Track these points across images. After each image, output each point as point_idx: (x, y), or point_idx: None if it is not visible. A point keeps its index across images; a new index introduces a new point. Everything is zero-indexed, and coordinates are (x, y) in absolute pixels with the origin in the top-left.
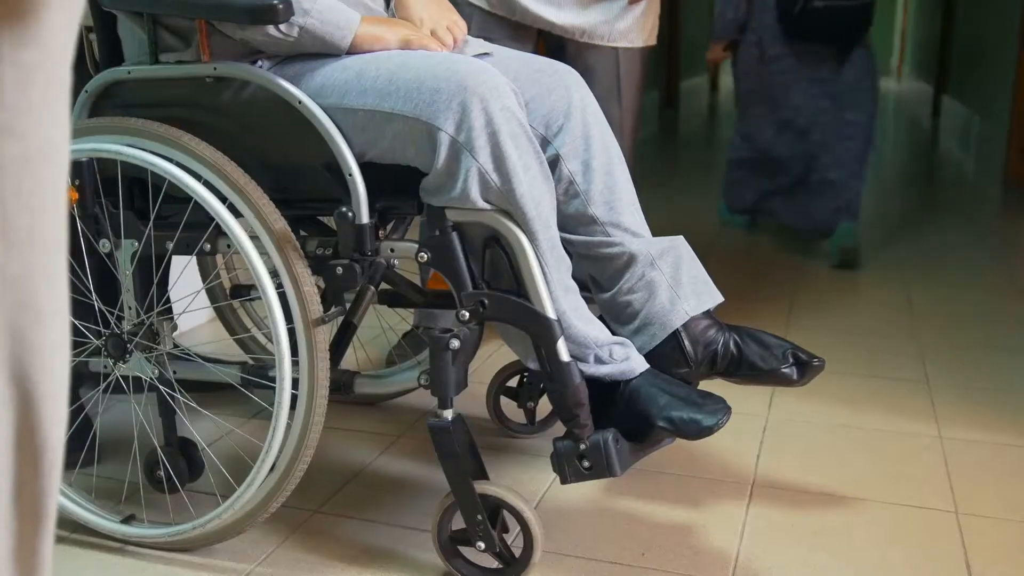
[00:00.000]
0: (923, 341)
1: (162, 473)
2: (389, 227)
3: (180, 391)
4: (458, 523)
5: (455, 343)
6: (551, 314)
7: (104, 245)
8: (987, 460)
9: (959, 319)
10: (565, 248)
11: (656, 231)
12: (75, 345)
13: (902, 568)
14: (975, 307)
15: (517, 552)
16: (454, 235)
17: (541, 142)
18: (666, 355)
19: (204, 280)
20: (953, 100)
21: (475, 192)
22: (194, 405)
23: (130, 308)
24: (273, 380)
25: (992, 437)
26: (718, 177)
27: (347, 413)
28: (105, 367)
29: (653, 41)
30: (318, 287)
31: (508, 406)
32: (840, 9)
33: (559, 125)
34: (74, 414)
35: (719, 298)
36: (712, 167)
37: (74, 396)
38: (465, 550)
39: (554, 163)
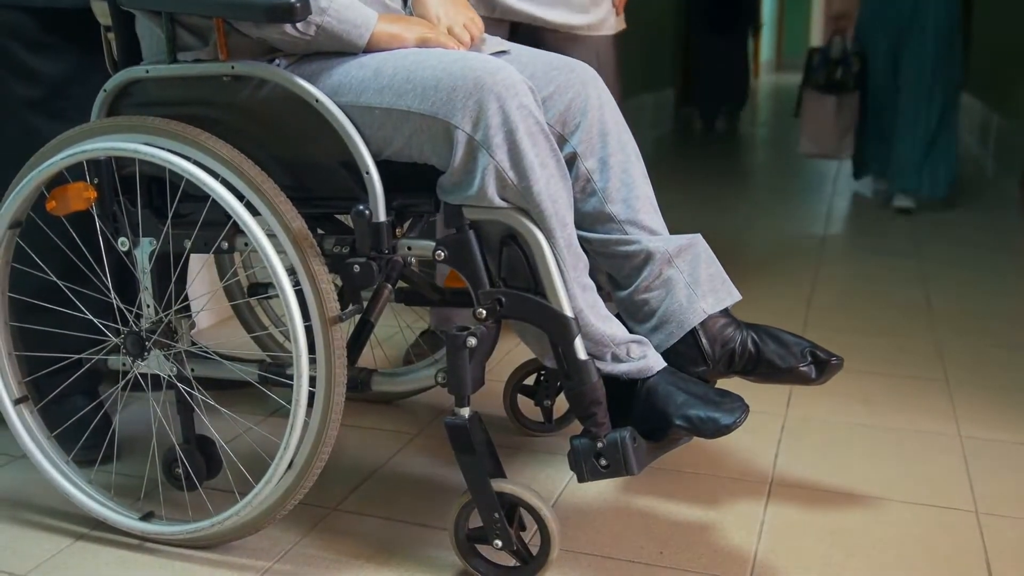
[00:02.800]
0: (942, 339)
1: (180, 470)
2: (406, 225)
3: (198, 389)
4: (475, 521)
5: (472, 341)
6: (568, 312)
7: (123, 243)
8: (1007, 459)
9: (978, 317)
10: (582, 246)
11: (673, 229)
12: (94, 343)
13: (921, 567)
14: (994, 305)
15: (534, 550)
16: (471, 233)
17: (558, 140)
18: (683, 353)
19: (222, 278)
20: (972, 97)
21: (492, 190)
22: (212, 403)
23: (148, 306)
24: (290, 378)
25: (1012, 436)
26: (735, 174)
27: (364, 411)
28: (124, 365)
29: (623, 25)
30: (335, 285)
31: (525, 404)
32: (724, 17)
33: (576, 123)
34: (93, 412)
35: (737, 296)
36: (730, 164)
37: (94, 394)
38: (482, 548)
39: (571, 161)
